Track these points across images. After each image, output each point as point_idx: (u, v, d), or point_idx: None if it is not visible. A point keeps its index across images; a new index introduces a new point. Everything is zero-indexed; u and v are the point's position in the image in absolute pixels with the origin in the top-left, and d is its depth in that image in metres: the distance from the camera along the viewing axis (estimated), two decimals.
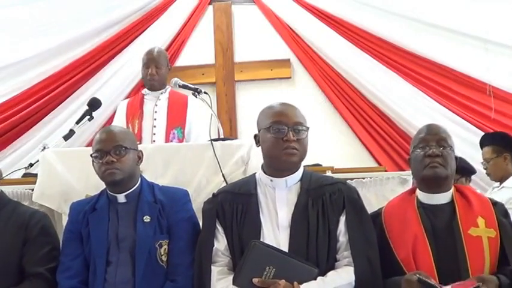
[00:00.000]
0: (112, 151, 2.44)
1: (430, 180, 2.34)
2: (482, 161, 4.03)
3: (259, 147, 2.36)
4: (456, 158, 2.41)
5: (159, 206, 2.49)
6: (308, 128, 2.30)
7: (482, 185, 4.37)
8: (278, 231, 2.25)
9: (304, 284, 2.12)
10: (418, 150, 2.36)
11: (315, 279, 2.15)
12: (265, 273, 2.11)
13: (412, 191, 2.46)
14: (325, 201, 2.28)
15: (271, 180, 2.32)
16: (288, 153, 2.25)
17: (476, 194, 2.44)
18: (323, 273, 2.19)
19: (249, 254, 2.13)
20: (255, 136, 2.38)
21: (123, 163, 2.45)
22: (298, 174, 2.34)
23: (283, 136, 2.24)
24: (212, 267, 2.26)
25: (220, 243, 2.30)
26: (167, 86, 4.02)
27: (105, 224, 2.48)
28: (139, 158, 2.57)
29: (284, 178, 2.31)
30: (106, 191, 2.56)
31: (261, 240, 2.22)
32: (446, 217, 2.31)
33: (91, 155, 2.50)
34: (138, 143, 2.72)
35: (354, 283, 2.17)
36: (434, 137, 2.36)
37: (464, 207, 2.32)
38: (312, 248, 2.21)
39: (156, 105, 3.95)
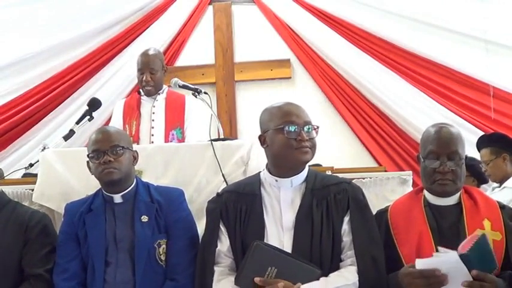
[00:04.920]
0: (109, 151, 2.46)
1: (438, 193, 2.34)
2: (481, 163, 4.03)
3: (265, 147, 2.33)
4: (470, 158, 2.38)
5: (156, 206, 2.49)
6: (318, 126, 2.31)
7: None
8: (282, 232, 2.25)
9: (306, 285, 2.12)
10: (428, 162, 2.31)
11: (318, 280, 2.15)
12: (267, 273, 2.11)
13: (419, 190, 2.45)
14: (330, 201, 2.28)
15: (276, 181, 2.32)
16: (303, 152, 2.24)
17: (484, 197, 2.42)
18: (327, 275, 2.18)
19: (251, 254, 2.13)
20: (260, 137, 2.35)
21: (120, 162, 2.46)
22: (303, 174, 2.34)
23: (296, 136, 2.23)
24: (215, 268, 2.27)
25: (223, 244, 2.30)
26: (164, 86, 4.01)
27: (103, 225, 2.48)
28: (135, 158, 2.59)
29: (289, 178, 2.31)
30: (101, 191, 2.56)
31: (265, 241, 2.22)
32: (453, 217, 2.30)
33: (87, 155, 2.51)
34: (135, 144, 2.72)
35: (357, 283, 2.16)
36: (445, 150, 2.29)
37: (471, 209, 2.31)
38: (316, 249, 2.21)
39: (154, 106, 3.94)
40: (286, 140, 2.23)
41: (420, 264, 2.05)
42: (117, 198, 2.52)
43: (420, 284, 2.04)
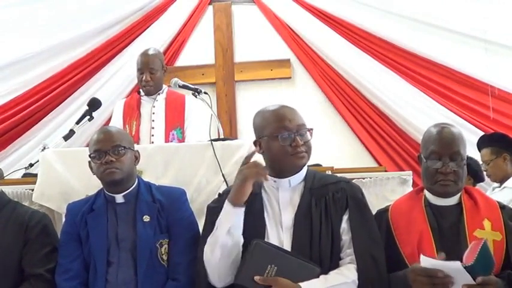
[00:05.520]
0: (111, 151, 2.46)
1: (439, 194, 2.34)
2: (481, 163, 4.03)
3: (261, 153, 2.33)
4: (468, 157, 2.37)
5: (158, 206, 2.50)
6: (312, 128, 2.31)
7: (481, 184, 4.37)
8: (282, 231, 2.25)
9: (305, 283, 2.12)
10: (430, 163, 2.30)
11: (317, 278, 2.15)
12: (267, 271, 2.12)
13: (419, 190, 2.44)
14: (328, 200, 2.29)
15: (274, 181, 2.33)
16: (299, 157, 2.26)
17: (484, 197, 2.42)
18: (327, 273, 2.18)
19: (250, 252, 2.13)
20: (255, 143, 2.35)
21: (122, 162, 2.46)
22: (302, 174, 2.35)
23: (291, 142, 2.25)
24: None
25: None
26: (164, 86, 4.01)
27: (104, 225, 2.48)
28: (136, 158, 2.59)
29: (287, 178, 2.32)
30: (103, 191, 2.56)
31: (265, 240, 2.23)
32: (453, 218, 2.30)
33: (89, 156, 2.51)
34: (135, 144, 2.72)
35: (357, 281, 2.17)
36: (447, 151, 2.28)
37: (471, 209, 2.31)
38: (315, 248, 2.21)
39: (154, 106, 3.94)
40: (281, 147, 2.25)
41: (424, 261, 2.06)
42: (119, 198, 2.52)
43: (424, 282, 2.05)
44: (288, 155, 2.25)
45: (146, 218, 2.47)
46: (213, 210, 2.36)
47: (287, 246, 2.22)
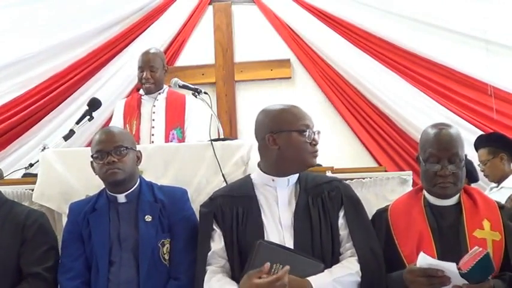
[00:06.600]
0: (113, 151, 2.47)
1: (439, 196, 2.34)
2: (478, 163, 4.04)
3: (276, 149, 2.29)
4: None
5: (160, 205, 2.51)
6: (319, 131, 2.35)
7: (481, 184, 4.37)
8: (282, 231, 2.28)
9: (313, 277, 2.15)
10: (428, 165, 2.30)
11: (322, 272, 2.19)
12: (273, 270, 2.13)
13: (419, 190, 2.45)
14: (325, 198, 2.33)
15: (272, 180, 2.34)
16: (315, 156, 2.32)
17: (483, 197, 2.42)
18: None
19: (255, 253, 2.15)
20: (269, 137, 2.29)
21: (124, 163, 2.48)
22: (297, 174, 2.37)
23: (311, 140, 2.30)
24: (207, 268, 2.28)
25: (217, 245, 2.31)
26: (165, 86, 4.01)
27: (107, 224, 2.49)
28: (138, 158, 2.60)
29: (287, 177, 2.34)
30: (105, 191, 2.57)
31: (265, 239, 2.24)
32: (453, 218, 2.31)
33: (91, 156, 2.52)
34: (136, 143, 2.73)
35: (360, 272, 2.20)
36: (445, 153, 2.28)
37: (471, 209, 2.31)
38: (317, 245, 2.25)
39: (154, 105, 3.94)
40: (304, 143, 2.28)
41: (422, 258, 2.07)
42: (121, 198, 2.54)
43: (423, 283, 2.06)
44: (307, 153, 2.29)
45: (148, 218, 2.48)
46: (206, 217, 2.37)
47: (289, 244, 2.24)
